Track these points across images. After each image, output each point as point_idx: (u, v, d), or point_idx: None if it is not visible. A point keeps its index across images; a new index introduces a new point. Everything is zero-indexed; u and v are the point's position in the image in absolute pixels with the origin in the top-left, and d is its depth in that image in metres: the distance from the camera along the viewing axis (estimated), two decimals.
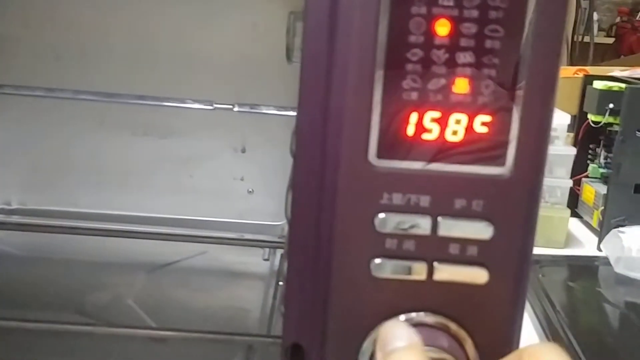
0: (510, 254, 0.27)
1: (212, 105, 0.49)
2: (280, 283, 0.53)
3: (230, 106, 0.50)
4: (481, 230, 0.26)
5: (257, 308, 0.52)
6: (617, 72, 1.02)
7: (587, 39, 2.00)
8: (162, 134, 0.62)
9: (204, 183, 0.63)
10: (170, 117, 0.61)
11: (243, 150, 0.63)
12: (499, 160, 0.26)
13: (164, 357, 0.45)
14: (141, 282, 0.56)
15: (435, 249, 0.27)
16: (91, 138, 0.61)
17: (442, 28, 0.25)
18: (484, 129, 0.26)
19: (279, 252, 0.61)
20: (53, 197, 0.63)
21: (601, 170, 0.86)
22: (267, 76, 0.59)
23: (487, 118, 0.26)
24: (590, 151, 0.89)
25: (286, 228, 0.63)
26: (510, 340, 0.28)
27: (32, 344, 0.44)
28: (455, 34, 0.25)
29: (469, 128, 0.26)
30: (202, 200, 0.63)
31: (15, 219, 0.62)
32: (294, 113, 0.52)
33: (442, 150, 0.26)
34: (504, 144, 0.26)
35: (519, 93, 0.25)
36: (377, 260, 0.27)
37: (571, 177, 0.80)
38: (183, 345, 0.45)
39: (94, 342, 0.45)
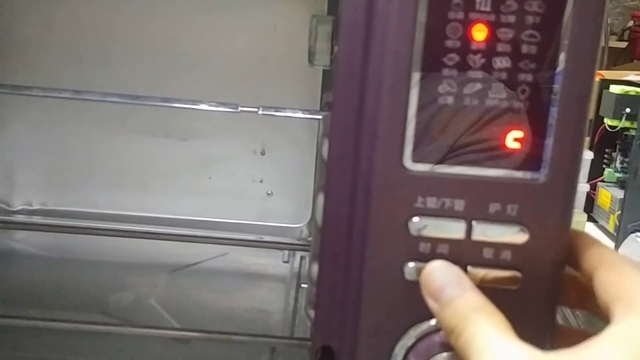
0: (544, 259, 0.27)
1: (237, 108, 0.49)
2: (303, 285, 0.53)
3: (255, 109, 0.50)
4: (515, 235, 0.26)
5: (279, 310, 0.52)
6: (632, 76, 1.02)
7: None
8: (182, 136, 0.63)
9: (223, 185, 0.63)
10: (190, 119, 0.61)
11: (262, 153, 0.63)
12: (534, 165, 0.26)
13: (187, 357, 0.45)
14: (163, 282, 0.56)
15: (469, 253, 0.27)
16: (112, 140, 0.62)
17: (479, 33, 0.25)
18: (519, 134, 0.26)
19: (299, 254, 0.61)
20: (74, 198, 0.63)
21: (617, 174, 0.86)
22: (288, 78, 0.60)
23: (522, 123, 0.26)
24: (605, 155, 0.89)
25: (305, 230, 0.63)
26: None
27: (56, 343, 0.45)
28: (491, 38, 0.25)
29: (505, 133, 0.26)
30: (222, 202, 0.63)
31: (36, 219, 0.62)
32: (319, 116, 0.52)
33: (478, 155, 0.26)
34: (539, 149, 0.26)
35: (555, 97, 0.26)
36: (411, 264, 0.27)
37: (587, 182, 0.80)
38: (206, 346, 0.45)
39: (117, 342, 0.45)
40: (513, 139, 0.26)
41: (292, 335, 0.46)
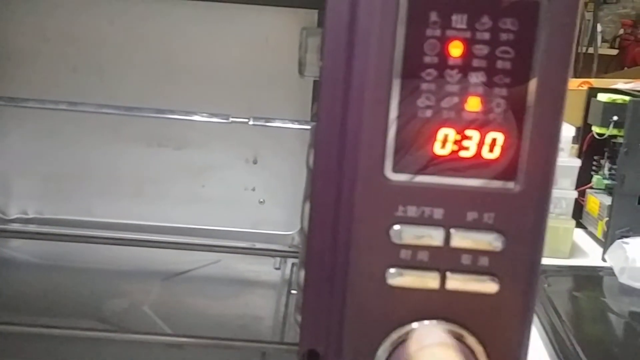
0: (520, 265, 0.28)
1: (228, 119, 0.50)
2: (293, 291, 0.54)
3: (246, 120, 0.51)
4: (492, 242, 0.28)
5: (270, 316, 0.53)
6: (620, 84, 1.04)
7: (590, 50, 2.02)
8: (176, 146, 0.64)
9: (216, 193, 0.64)
10: (184, 129, 0.62)
11: (255, 162, 0.64)
12: (510, 174, 0.27)
13: None
14: (157, 289, 0.57)
15: (447, 259, 0.28)
16: (107, 149, 0.63)
17: (456, 49, 0.26)
18: (495, 145, 0.27)
19: (290, 261, 0.62)
20: (69, 207, 0.64)
21: (605, 181, 0.87)
22: (279, 88, 0.61)
23: (498, 134, 0.27)
24: (594, 162, 0.90)
25: (297, 238, 0.64)
26: (519, 348, 0.29)
27: (51, 350, 0.46)
28: (467, 54, 0.26)
29: (481, 144, 0.27)
30: (215, 210, 0.64)
31: (32, 227, 0.63)
32: (308, 126, 0.53)
33: (455, 165, 0.27)
34: (515, 159, 0.27)
35: (529, 110, 0.27)
36: (392, 270, 0.28)
37: (575, 188, 0.81)
38: (199, 352, 0.46)
39: (112, 348, 0.46)
40: (489, 150, 0.27)
41: (282, 340, 0.47)
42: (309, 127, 0.54)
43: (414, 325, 0.29)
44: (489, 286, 0.28)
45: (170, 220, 0.64)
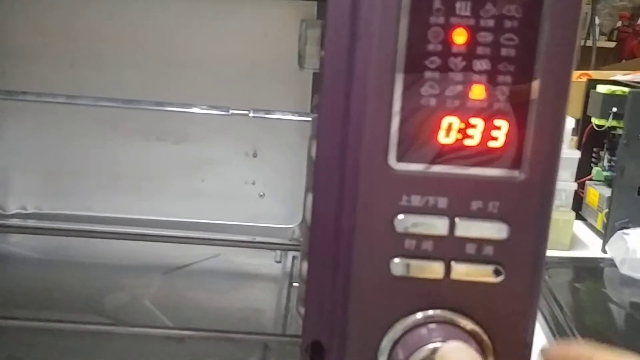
0: (525, 254, 0.28)
1: (228, 111, 0.50)
2: (295, 284, 0.54)
3: (246, 112, 0.51)
4: (497, 231, 0.27)
5: (271, 308, 0.53)
6: (619, 76, 1.04)
7: (588, 43, 2.02)
8: (175, 140, 0.63)
9: (216, 187, 0.64)
10: (183, 122, 0.62)
11: (254, 155, 0.64)
12: (514, 163, 0.27)
13: (181, 356, 0.46)
14: (157, 283, 0.57)
15: (452, 248, 0.28)
16: (106, 144, 0.63)
17: (459, 37, 0.26)
18: (499, 133, 0.27)
19: (291, 254, 0.62)
20: (68, 202, 0.64)
21: (605, 173, 0.87)
22: (279, 81, 0.61)
23: (502, 123, 0.27)
24: (593, 154, 0.90)
25: (297, 231, 0.64)
26: (525, 337, 0.29)
27: (52, 344, 0.46)
28: (471, 42, 0.26)
29: (485, 132, 0.27)
30: (215, 204, 0.64)
31: (31, 223, 0.63)
32: (308, 118, 0.53)
33: (459, 154, 0.27)
34: (519, 148, 0.27)
35: (533, 98, 0.27)
36: (397, 260, 0.28)
37: (575, 180, 0.81)
38: (200, 345, 0.46)
39: (113, 342, 0.46)
40: (493, 138, 0.27)
41: (284, 333, 0.47)
42: (309, 118, 0.54)
43: (419, 315, 0.29)
44: (494, 275, 0.28)
45: (170, 214, 0.64)
